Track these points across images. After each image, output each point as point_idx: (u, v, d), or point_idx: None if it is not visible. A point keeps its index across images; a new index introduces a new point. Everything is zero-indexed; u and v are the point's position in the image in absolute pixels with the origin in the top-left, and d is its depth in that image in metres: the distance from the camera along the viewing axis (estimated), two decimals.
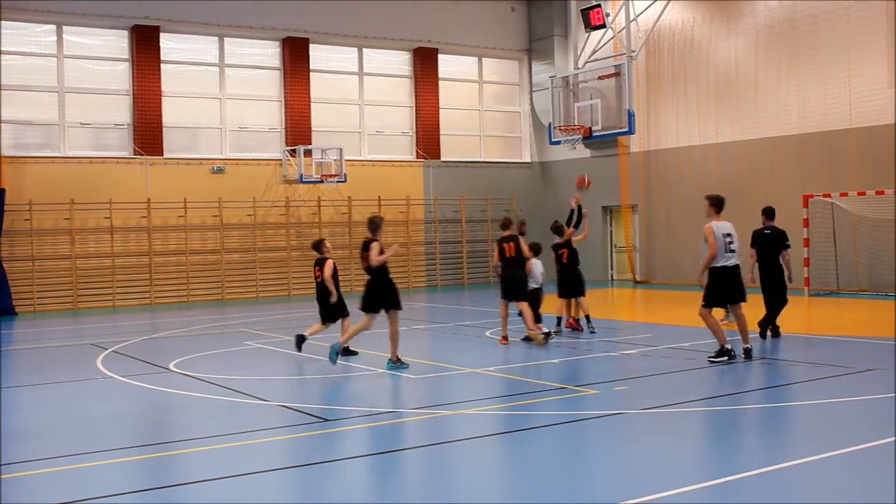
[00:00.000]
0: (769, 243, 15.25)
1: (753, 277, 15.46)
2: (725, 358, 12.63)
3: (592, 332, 16.15)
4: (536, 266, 15.76)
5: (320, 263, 14.91)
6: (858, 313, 19.41)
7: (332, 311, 14.89)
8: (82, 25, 26.23)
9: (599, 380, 11.71)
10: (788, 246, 15.33)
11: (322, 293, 14.86)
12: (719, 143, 27.35)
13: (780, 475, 7.15)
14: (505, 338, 15.32)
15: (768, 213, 15.80)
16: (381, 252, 12.99)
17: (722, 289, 12.85)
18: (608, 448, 8.46)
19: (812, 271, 23.47)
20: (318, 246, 15.23)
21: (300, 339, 14.81)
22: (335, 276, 14.81)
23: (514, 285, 15.22)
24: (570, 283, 16.37)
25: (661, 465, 7.75)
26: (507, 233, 15.39)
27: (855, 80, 23.73)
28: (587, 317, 16.44)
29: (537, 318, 15.35)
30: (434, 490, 7.33)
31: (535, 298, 15.52)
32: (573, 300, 16.59)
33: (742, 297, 13.02)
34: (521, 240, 15.42)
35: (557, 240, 16.68)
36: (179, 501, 7.12)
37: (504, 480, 7.52)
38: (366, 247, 13.07)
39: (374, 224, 13.16)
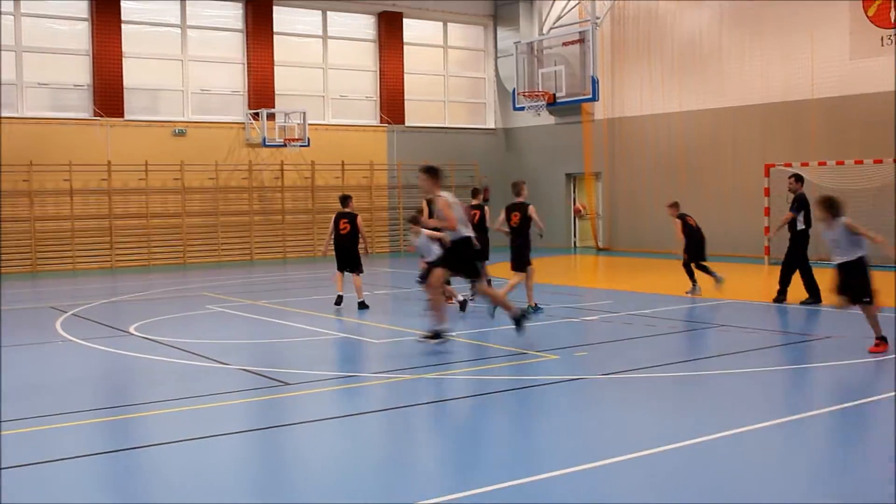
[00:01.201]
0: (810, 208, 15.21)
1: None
2: (439, 339, 11.41)
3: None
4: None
5: (350, 217, 15.71)
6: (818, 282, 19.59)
7: (357, 262, 15.74)
8: None
9: (560, 345, 11.78)
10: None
11: (350, 245, 15.69)
12: (683, 112, 27.45)
13: (737, 439, 7.26)
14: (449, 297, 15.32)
15: (803, 179, 15.91)
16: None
17: (460, 258, 11.57)
18: (567, 412, 8.54)
19: (772, 240, 23.66)
20: (346, 200, 16.10)
21: (361, 305, 15.47)
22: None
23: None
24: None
25: (620, 429, 7.83)
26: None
27: (818, 52, 23.87)
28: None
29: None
30: (392, 454, 7.37)
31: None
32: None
33: (478, 273, 11.97)
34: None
35: (472, 201, 16.83)
36: (140, 464, 7.11)
37: (462, 444, 7.57)
38: (520, 208, 14.63)
39: (519, 186, 14.96)
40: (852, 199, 22.55)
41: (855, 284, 10.67)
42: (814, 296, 15.12)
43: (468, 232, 11.60)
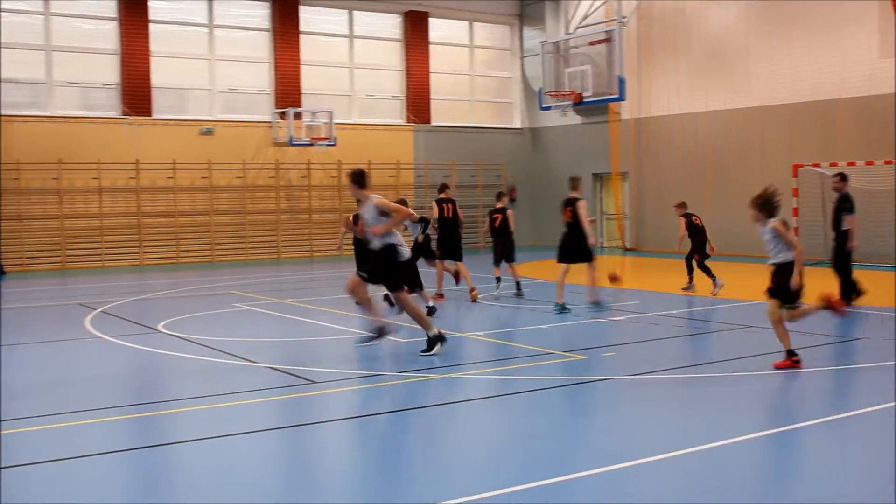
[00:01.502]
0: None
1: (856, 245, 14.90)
2: (438, 345, 11.09)
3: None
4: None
5: None
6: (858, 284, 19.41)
7: None
8: None
9: (588, 345, 11.75)
10: None
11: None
12: (710, 112, 27.30)
13: (766, 441, 7.21)
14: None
15: (848, 178, 15.43)
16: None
17: (389, 267, 11.24)
18: (596, 413, 8.51)
19: (800, 241, 23.47)
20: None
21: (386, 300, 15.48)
22: None
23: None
24: (501, 249, 17.32)
25: (649, 430, 7.80)
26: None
27: (847, 51, 23.68)
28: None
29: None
30: (417, 452, 7.37)
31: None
32: (501, 265, 17.50)
33: (399, 285, 11.36)
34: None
35: (497, 205, 17.69)
36: (165, 461, 7.15)
37: (488, 444, 7.56)
38: (571, 203, 14.72)
39: (575, 182, 15.16)
40: (882, 200, 22.44)
41: (784, 287, 10.38)
42: (844, 297, 14.97)
43: (396, 239, 11.22)
